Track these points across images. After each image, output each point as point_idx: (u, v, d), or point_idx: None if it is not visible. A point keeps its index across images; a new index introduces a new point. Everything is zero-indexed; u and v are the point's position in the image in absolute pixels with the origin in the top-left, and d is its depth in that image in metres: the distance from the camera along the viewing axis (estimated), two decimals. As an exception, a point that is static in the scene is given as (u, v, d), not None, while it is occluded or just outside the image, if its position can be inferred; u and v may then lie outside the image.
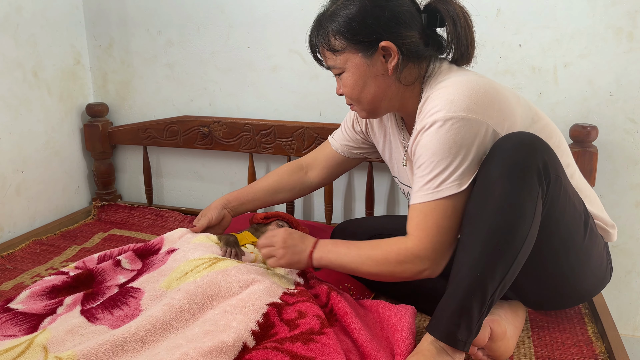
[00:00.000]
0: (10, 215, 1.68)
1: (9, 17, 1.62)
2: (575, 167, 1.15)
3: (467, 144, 0.96)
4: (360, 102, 1.10)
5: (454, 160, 0.97)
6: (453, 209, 0.99)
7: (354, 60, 1.05)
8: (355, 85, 1.07)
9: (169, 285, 1.09)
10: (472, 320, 0.94)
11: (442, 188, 0.97)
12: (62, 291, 1.16)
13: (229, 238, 1.27)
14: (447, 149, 0.96)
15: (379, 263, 1.03)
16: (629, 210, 1.56)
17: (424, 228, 0.99)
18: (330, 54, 1.07)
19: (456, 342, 0.94)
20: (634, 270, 1.61)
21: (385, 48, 1.03)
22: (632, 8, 1.42)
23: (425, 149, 0.99)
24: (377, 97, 1.08)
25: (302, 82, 1.74)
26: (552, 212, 0.98)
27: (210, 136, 1.80)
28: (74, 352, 0.89)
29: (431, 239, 0.99)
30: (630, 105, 1.48)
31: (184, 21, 1.80)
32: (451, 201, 0.98)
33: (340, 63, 1.07)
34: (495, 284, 0.93)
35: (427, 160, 0.99)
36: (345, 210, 1.82)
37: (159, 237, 1.32)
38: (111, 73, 1.94)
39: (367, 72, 1.06)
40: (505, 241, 0.93)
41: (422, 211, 1.00)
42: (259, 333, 0.98)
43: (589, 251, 1.07)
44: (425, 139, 0.99)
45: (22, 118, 1.69)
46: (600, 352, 1.09)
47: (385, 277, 1.05)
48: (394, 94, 1.09)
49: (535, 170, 0.93)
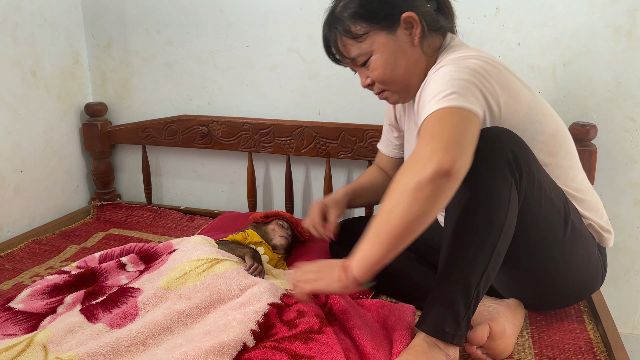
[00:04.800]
0: (9, 215, 1.67)
1: (8, 17, 1.62)
2: (580, 169, 1.14)
3: (474, 83, 0.94)
4: (393, 81, 1.09)
5: (461, 89, 0.92)
6: (467, 119, 0.89)
7: (380, 40, 1.05)
8: (386, 65, 1.06)
9: (168, 285, 1.09)
10: (459, 313, 0.94)
11: (451, 98, 0.90)
12: (63, 290, 1.16)
13: (255, 254, 1.25)
14: (454, 80, 0.93)
15: (395, 199, 0.86)
16: (627, 208, 1.56)
17: (431, 131, 0.88)
18: (354, 42, 1.07)
19: (444, 335, 0.94)
20: (633, 268, 1.61)
21: (407, 19, 1.04)
22: (631, 6, 1.42)
23: (430, 85, 0.96)
24: (408, 72, 1.08)
25: (301, 81, 1.74)
26: (528, 206, 0.98)
27: (209, 135, 1.80)
28: (74, 354, 0.89)
29: (441, 135, 0.86)
30: (629, 103, 1.48)
31: (182, 20, 1.80)
32: (463, 112, 0.89)
33: (366, 48, 1.06)
34: (477, 275, 0.93)
35: (432, 90, 0.94)
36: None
37: (167, 242, 1.31)
38: (110, 72, 1.94)
39: (396, 48, 1.06)
40: (482, 230, 0.93)
41: (428, 122, 0.90)
42: (258, 333, 0.98)
43: (573, 248, 1.06)
44: (430, 80, 0.97)
45: (20, 117, 1.69)
46: (599, 350, 1.09)
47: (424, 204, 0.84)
48: (421, 67, 1.09)
49: (505, 160, 0.93)
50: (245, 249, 1.26)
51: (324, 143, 1.69)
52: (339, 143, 1.67)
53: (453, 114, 0.89)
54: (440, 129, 0.87)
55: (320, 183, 1.81)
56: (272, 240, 1.39)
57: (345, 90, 1.70)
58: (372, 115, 1.69)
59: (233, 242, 1.30)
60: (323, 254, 1.42)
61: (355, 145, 1.65)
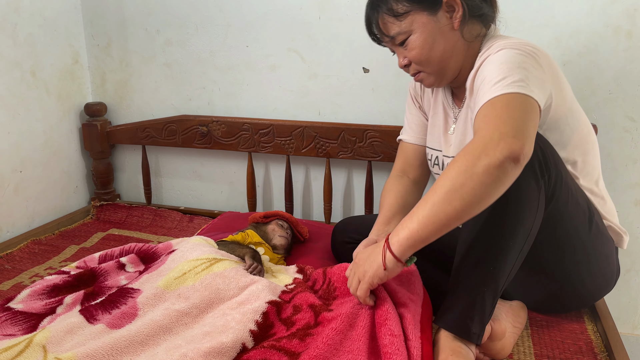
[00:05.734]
0: (8, 215, 1.67)
1: (7, 17, 1.62)
2: (600, 172, 1.15)
3: (536, 73, 0.95)
4: (430, 62, 1.08)
5: (526, 76, 0.92)
6: (533, 109, 0.89)
7: (420, 20, 1.05)
8: (424, 44, 1.06)
9: (167, 285, 1.09)
10: (485, 313, 0.95)
11: (519, 85, 0.90)
12: (62, 290, 1.16)
13: (255, 254, 1.25)
14: (520, 67, 0.93)
15: (459, 180, 0.84)
16: (628, 208, 1.56)
17: (500, 116, 0.87)
18: (394, 20, 1.06)
19: (471, 335, 0.95)
20: (632, 268, 1.61)
21: (449, 2, 1.04)
22: (631, 6, 1.42)
23: (492, 66, 0.96)
24: (445, 55, 1.07)
25: (300, 81, 1.74)
26: (555, 205, 0.99)
27: (209, 135, 1.80)
28: (73, 354, 0.89)
29: (511, 122, 0.86)
30: (630, 103, 1.48)
31: (182, 20, 1.80)
32: (531, 101, 0.90)
33: (405, 27, 1.06)
34: (505, 275, 0.95)
35: (497, 72, 0.94)
36: (344, 209, 1.82)
37: (167, 243, 1.31)
38: (109, 72, 1.94)
39: (435, 29, 1.05)
40: (512, 232, 0.94)
41: (495, 104, 0.90)
42: (258, 333, 0.98)
43: (595, 249, 1.08)
44: (491, 59, 0.98)
45: (20, 118, 1.69)
46: (599, 350, 1.09)
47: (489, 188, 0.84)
48: (459, 52, 1.08)
49: (535, 161, 0.94)
50: (245, 249, 1.26)
51: (324, 143, 1.68)
52: (339, 143, 1.67)
53: (522, 101, 0.89)
54: (510, 116, 0.86)
55: (320, 183, 1.81)
56: (272, 240, 1.39)
57: (344, 90, 1.70)
58: (372, 115, 1.69)
59: (233, 243, 1.30)
60: (323, 254, 1.42)
61: (355, 145, 1.65)
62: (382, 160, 1.64)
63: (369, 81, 1.67)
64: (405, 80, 1.62)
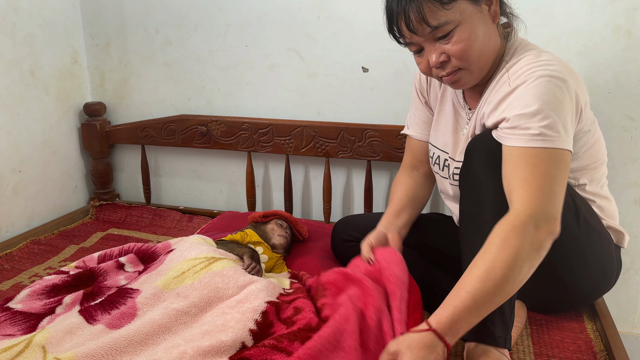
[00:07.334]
0: (7, 215, 1.67)
1: (6, 16, 1.62)
2: (606, 175, 1.16)
3: (569, 108, 0.94)
4: (473, 58, 1.00)
5: (557, 117, 0.92)
6: (565, 166, 0.91)
7: (467, 9, 0.97)
8: (472, 37, 0.98)
9: (166, 284, 1.09)
10: (505, 314, 0.95)
11: (554, 138, 0.91)
12: (62, 290, 1.16)
13: (253, 253, 1.25)
14: (555, 101, 0.92)
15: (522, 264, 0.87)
16: (627, 208, 1.56)
17: (535, 186, 0.89)
18: (442, 8, 0.95)
19: (496, 340, 0.94)
20: (632, 268, 1.61)
21: None
22: (631, 5, 1.42)
23: (523, 99, 0.93)
24: (486, 50, 1.01)
25: (300, 80, 1.73)
26: None
27: (208, 135, 1.80)
28: (73, 354, 0.89)
29: (545, 193, 0.89)
30: (629, 102, 1.48)
31: (181, 20, 1.80)
32: (563, 156, 0.91)
33: (453, 16, 0.96)
34: None
35: (526, 110, 0.92)
36: (343, 208, 1.82)
37: (166, 242, 1.31)
38: (109, 72, 1.94)
39: (480, 21, 0.99)
40: None
41: (527, 161, 0.90)
42: (257, 332, 0.97)
43: (588, 245, 1.07)
44: (529, 90, 0.94)
45: (19, 117, 1.69)
46: (599, 349, 1.09)
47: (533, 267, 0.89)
48: (496, 49, 1.04)
49: None
50: (244, 249, 1.26)
51: (323, 143, 1.68)
52: (338, 143, 1.67)
53: (558, 159, 0.90)
54: (551, 188, 0.89)
55: (319, 182, 1.81)
56: (271, 239, 1.39)
57: (344, 90, 1.70)
58: (371, 115, 1.69)
59: (232, 242, 1.30)
60: (323, 253, 1.42)
61: (355, 145, 1.65)
62: (382, 159, 1.64)
63: (369, 81, 1.67)
64: (405, 80, 1.62)
